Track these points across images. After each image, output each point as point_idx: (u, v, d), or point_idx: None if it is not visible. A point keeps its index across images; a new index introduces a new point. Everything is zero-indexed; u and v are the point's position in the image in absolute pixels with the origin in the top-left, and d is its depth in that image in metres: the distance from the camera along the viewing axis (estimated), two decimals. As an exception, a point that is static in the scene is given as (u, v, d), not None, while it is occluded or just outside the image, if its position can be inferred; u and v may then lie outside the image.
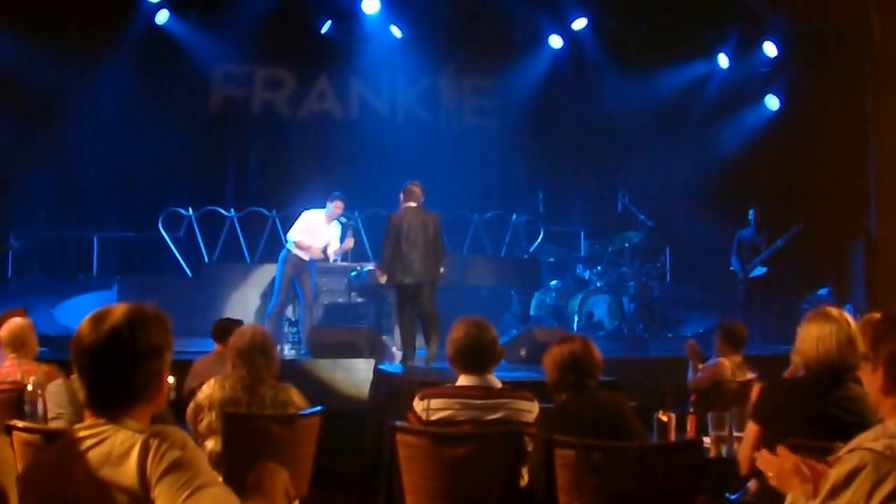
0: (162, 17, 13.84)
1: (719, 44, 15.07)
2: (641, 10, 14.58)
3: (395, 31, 14.75)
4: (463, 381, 4.53)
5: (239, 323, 6.37)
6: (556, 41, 15.17)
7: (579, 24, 14.92)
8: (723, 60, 15.17)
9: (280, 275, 11.51)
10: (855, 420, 3.78)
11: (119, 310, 2.48)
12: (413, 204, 9.30)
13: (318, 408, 5.09)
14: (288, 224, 13.40)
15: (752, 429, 4.10)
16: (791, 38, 14.71)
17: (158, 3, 13.74)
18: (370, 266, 11.20)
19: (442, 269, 9.30)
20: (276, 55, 14.85)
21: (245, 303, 12.76)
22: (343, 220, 11.96)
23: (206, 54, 14.21)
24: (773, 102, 15.25)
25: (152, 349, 2.48)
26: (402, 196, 9.44)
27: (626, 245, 13.67)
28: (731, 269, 12.82)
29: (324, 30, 14.59)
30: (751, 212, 12.75)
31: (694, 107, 15.16)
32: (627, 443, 3.99)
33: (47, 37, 12.69)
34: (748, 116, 15.26)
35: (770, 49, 14.94)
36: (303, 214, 11.73)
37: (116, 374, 2.44)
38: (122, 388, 2.45)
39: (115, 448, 2.36)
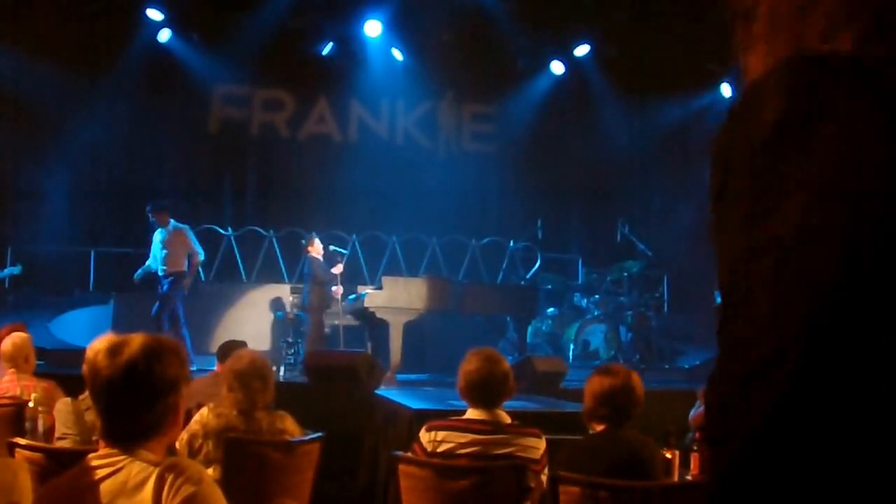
0: (164, 35, 13.88)
1: (723, 73, 15.05)
2: (644, 37, 14.60)
3: (397, 55, 14.79)
4: (471, 414, 4.50)
5: (244, 346, 6.34)
6: (557, 67, 15.22)
7: (581, 50, 14.98)
8: (726, 90, 15.15)
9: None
10: None
11: (136, 342, 2.47)
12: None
13: (319, 434, 5.04)
14: (284, 244, 13.48)
15: None
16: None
17: (161, 21, 13.79)
18: (368, 289, 11.19)
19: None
20: (276, 76, 14.94)
21: (241, 322, 12.77)
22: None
23: (207, 74, 14.30)
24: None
25: (168, 383, 2.47)
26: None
27: (625, 274, 13.65)
28: (716, 302, 12.63)
29: (325, 52, 14.63)
30: None
31: (696, 136, 15.14)
32: (633, 482, 3.93)
33: (50, 54, 12.71)
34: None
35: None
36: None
37: (133, 408, 2.45)
38: (138, 421, 2.45)
39: (131, 479, 2.36)
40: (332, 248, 12.17)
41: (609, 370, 4.29)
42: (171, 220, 11.40)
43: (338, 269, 12.00)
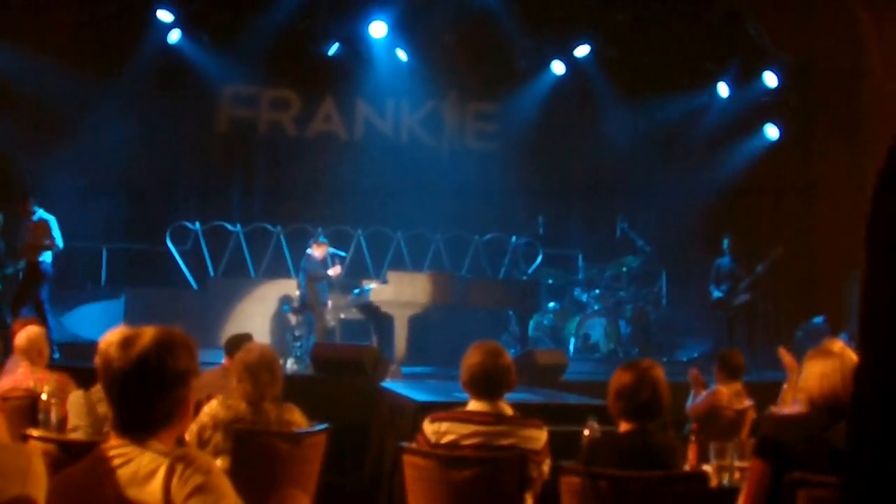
0: (174, 36, 14.02)
1: (719, 73, 15.12)
2: (643, 38, 14.69)
3: (401, 55, 14.92)
4: (474, 406, 4.56)
5: (250, 339, 6.43)
6: (558, 67, 15.32)
7: (581, 50, 15.07)
8: (723, 89, 15.22)
9: None
10: None
11: (148, 335, 2.51)
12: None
13: (325, 425, 5.08)
14: (292, 240, 13.63)
15: (759, 468, 3.78)
16: (791, 68, 14.79)
17: (171, 23, 13.93)
18: (373, 284, 11.34)
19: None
20: (283, 77, 15.04)
21: (249, 316, 12.95)
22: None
23: (216, 74, 14.41)
24: (772, 132, 15.22)
25: (180, 376, 2.52)
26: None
27: (624, 269, 13.80)
28: (712, 298, 12.62)
29: (331, 52, 14.75)
30: (725, 240, 12.55)
31: (693, 134, 15.25)
32: (632, 472, 3.95)
33: (63, 56, 12.83)
34: (747, 145, 15.27)
35: (770, 79, 14.93)
36: None
37: (144, 399, 2.49)
38: (149, 413, 2.49)
39: (141, 469, 2.41)
40: (330, 250, 12.35)
41: (629, 365, 4.22)
42: (38, 210, 11.00)
43: (335, 272, 12.20)
